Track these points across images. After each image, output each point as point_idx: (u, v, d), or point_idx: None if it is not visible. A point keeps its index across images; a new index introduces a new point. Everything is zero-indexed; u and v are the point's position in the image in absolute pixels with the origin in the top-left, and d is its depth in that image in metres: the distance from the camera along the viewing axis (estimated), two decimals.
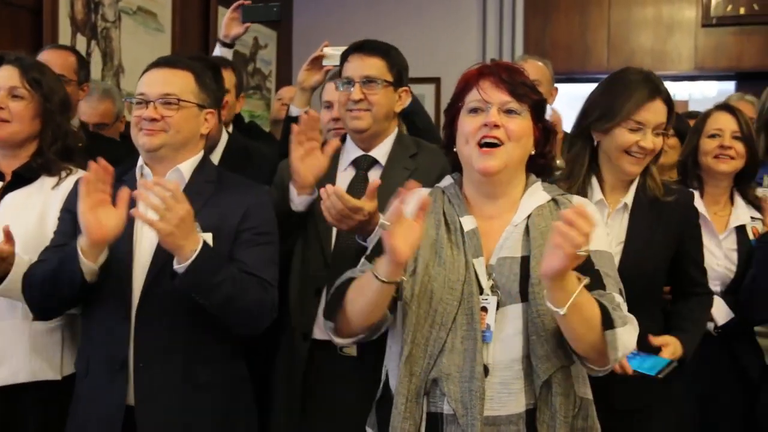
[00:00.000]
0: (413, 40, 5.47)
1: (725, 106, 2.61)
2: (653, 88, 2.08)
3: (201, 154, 2.06)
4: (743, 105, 3.41)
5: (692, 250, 2.18)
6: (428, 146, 2.32)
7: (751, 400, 2.50)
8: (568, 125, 5.31)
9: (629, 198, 2.14)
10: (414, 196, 1.64)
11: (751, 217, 2.51)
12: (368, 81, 2.21)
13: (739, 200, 2.56)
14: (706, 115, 2.62)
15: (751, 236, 2.41)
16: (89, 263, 1.83)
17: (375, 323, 1.72)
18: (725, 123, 2.54)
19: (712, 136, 2.55)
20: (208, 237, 1.89)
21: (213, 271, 1.82)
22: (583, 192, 2.16)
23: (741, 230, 2.50)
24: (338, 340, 1.78)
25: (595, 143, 2.14)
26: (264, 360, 2.27)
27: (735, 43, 5.56)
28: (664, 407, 2.12)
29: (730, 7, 5.50)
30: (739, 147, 2.52)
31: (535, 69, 3.35)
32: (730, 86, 5.79)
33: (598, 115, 2.11)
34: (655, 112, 2.06)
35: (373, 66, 2.22)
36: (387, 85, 2.23)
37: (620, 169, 2.11)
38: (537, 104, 1.76)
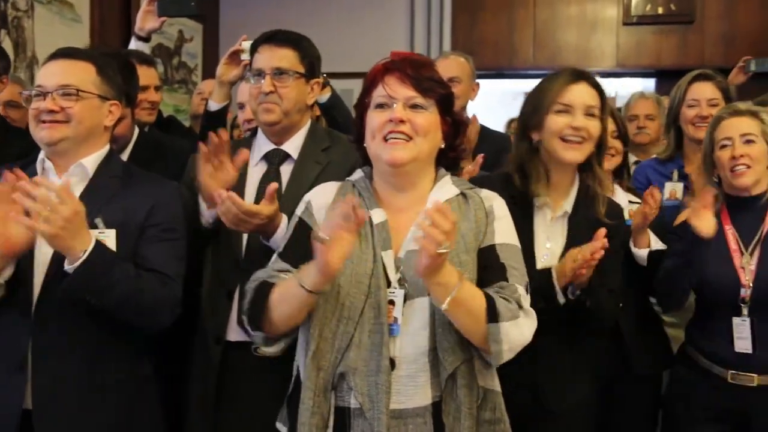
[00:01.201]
0: (342, 35, 5.48)
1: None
2: (577, 73, 2.09)
3: (106, 148, 2.01)
4: (644, 102, 3.52)
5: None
6: (342, 138, 2.29)
7: (650, 395, 2.58)
8: (498, 119, 5.40)
9: (569, 204, 2.10)
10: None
11: (629, 201, 2.56)
12: (279, 73, 2.16)
13: (617, 188, 2.57)
14: None
15: (626, 216, 2.46)
16: None
17: (299, 324, 1.72)
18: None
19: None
20: (112, 234, 1.84)
21: (105, 271, 1.76)
22: (533, 194, 2.10)
23: None
24: (269, 350, 1.76)
25: (535, 142, 2.10)
26: (178, 362, 2.23)
27: (654, 41, 5.72)
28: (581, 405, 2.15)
29: (649, 7, 5.66)
30: (616, 143, 2.60)
31: (456, 65, 3.38)
32: (650, 83, 5.94)
33: (529, 112, 2.11)
34: (580, 94, 2.05)
35: (284, 57, 2.18)
36: (299, 76, 2.19)
37: (559, 159, 2.06)
38: (444, 98, 1.77)
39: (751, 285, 2.28)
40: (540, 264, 2.04)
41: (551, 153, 2.06)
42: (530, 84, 2.24)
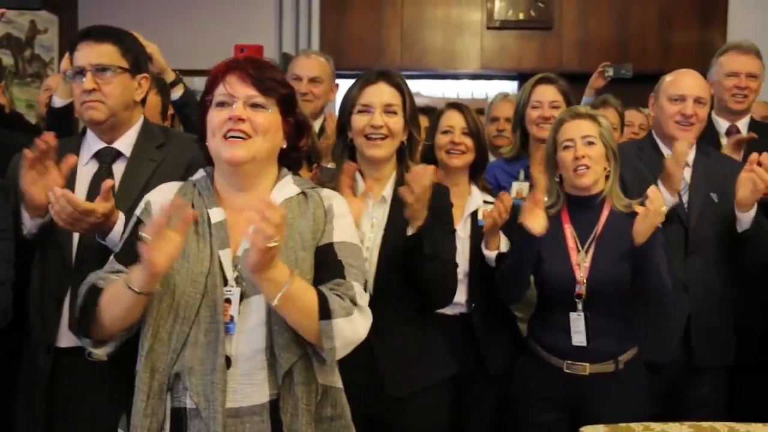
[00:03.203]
0: (206, 32, 5.39)
1: (455, 105, 2.76)
2: (377, 73, 2.23)
3: None
4: (505, 104, 3.65)
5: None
6: (178, 135, 2.26)
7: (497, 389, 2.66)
8: None
9: (388, 191, 2.23)
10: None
11: (484, 201, 2.65)
12: (100, 69, 2.10)
13: (474, 189, 2.71)
14: (440, 113, 2.77)
15: (480, 217, 2.57)
16: None
17: (132, 324, 1.69)
18: (455, 120, 2.69)
19: (445, 132, 2.70)
20: None
21: None
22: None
23: (475, 215, 2.65)
24: (98, 351, 1.72)
25: (349, 140, 2.25)
26: (8, 375, 2.13)
27: (516, 45, 5.96)
28: (429, 395, 2.23)
29: (511, 12, 5.89)
30: (468, 142, 2.68)
31: (317, 65, 3.40)
32: (513, 86, 6.16)
33: (341, 112, 2.24)
34: (378, 93, 2.19)
35: (105, 53, 2.12)
36: (122, 71, 2.13)
37: (364, 156, 2.22)
38: (285, 98, 1.79)
39: (585, 281, 2.41)
40: (364, 248, 2.14)
41: (358, 150, 2.22)
42: None
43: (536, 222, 2.31)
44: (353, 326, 1.64)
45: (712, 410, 2.62)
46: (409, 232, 2.10)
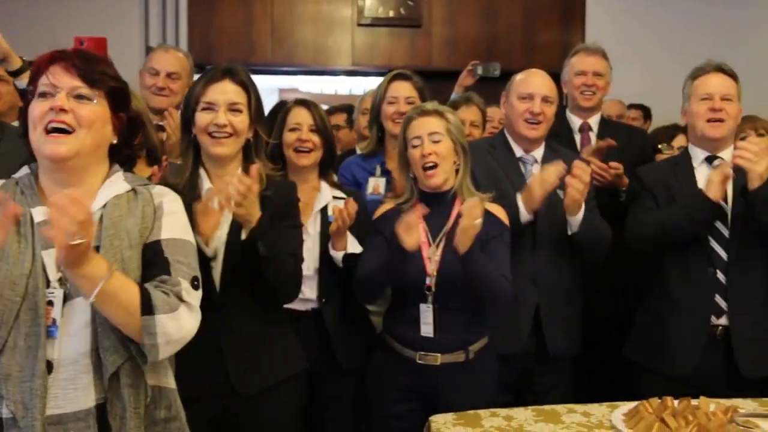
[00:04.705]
0: (67, 25, 5.14)
1: (302, 101, 2.75)
2: (223, 70, 2.21)
3: None
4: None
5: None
6: (14, 131, 2.15)
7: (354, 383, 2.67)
8: None
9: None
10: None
11: (334, 197, 2.66)
12: None
13: (324, 185, 2.72)
14: (287, 110, 2.74)
15: (330, 213, 2.58)
16: None
17: None
18: (303, 117, 2.69)
19: (292, 129, 2.69)
20: None
21: None
22: (193, 183, 2.23)
23: (325, 211, 2.66)
24: None
25: (193, 137, 2.23)
26: None
27: (387, 42, 6.01)
28: (279, 391, 2.22)
29: (381, 9, 5.93)
30: (316, 139, 2.68)
31: (175, 59, 3.32)
32: None
33: (184, 109, 2.22)
34: (223, 91, 2.18)
35: None
36: None
37: (208, 154, 2.21)
38: (115, 92, 1.73)
39: (435, 274, 2.45)
40: (212, 247, 2.14)
41: (202, 148, 2.21)
42: (270, 80, 2.32)
43: (411, 239, 2.30)
44: (178, 323, 1.60)
45: (560, 396, 2.73)
46: (243, 236, 2.08)
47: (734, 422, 1.32)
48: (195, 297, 1.67)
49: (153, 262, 1.66)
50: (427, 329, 2.44)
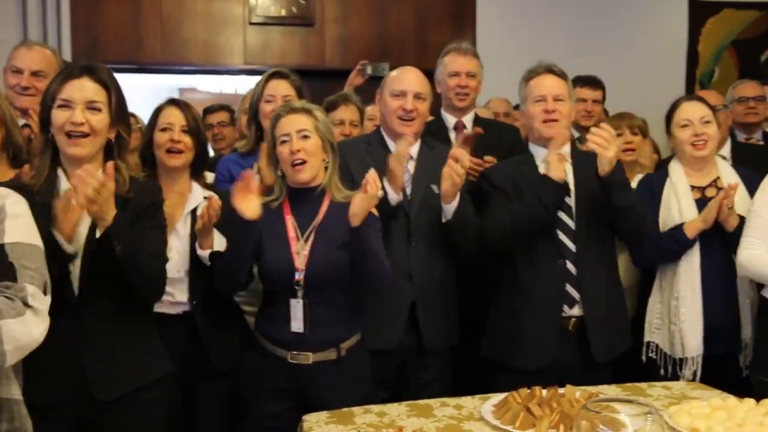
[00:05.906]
0: None
1: (174, 101, 2.72)
2: (81, 67, 2.16)
3: None
4: None
5: None
6: None
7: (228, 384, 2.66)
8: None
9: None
10: None
11: (204, 198, 2.61)
12: None
13: (195, 186, 2.69)
14: (158, 109, 2.71)
15: (199, 212, 2.55)
16: None
17: None
18: (175, 117, 2.65)
19: (164, 129, 2.65)
20: None
21: None
22: (51, 184, 2.15)
23: (195, 213, 2.63)
24: None
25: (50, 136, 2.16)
26: None
27: (279, 41, 5.94)
28: (143, 395, 2.17)
29: (273, 8, 5.87)
30: (188, 140, 2.65)
31: (40, 57, 3.21)
32: None
33: (41, 107, 2.16)
34: (81, 89, 2.13)
35: None
36: None
37: (65, 154, 2.15)
38: None
39: (304, 268, 2.44)
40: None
41: (59, 148, 2.14)
42: (158, 79, 2.26)
43: (247, 207, 2.30)
44: (26, 328, 1.54)
45: (438, 389, 2.77)
46: (97, 234, 2.03)
47: (585, 407, 1.36)
48: (43, 302, 1.61)
49: None
50: (297, 325, 2.43)
